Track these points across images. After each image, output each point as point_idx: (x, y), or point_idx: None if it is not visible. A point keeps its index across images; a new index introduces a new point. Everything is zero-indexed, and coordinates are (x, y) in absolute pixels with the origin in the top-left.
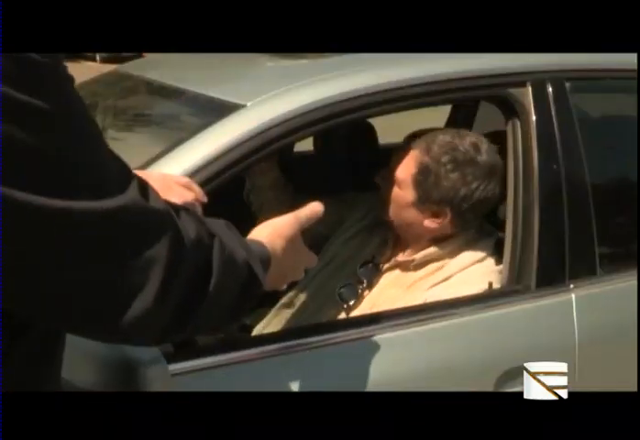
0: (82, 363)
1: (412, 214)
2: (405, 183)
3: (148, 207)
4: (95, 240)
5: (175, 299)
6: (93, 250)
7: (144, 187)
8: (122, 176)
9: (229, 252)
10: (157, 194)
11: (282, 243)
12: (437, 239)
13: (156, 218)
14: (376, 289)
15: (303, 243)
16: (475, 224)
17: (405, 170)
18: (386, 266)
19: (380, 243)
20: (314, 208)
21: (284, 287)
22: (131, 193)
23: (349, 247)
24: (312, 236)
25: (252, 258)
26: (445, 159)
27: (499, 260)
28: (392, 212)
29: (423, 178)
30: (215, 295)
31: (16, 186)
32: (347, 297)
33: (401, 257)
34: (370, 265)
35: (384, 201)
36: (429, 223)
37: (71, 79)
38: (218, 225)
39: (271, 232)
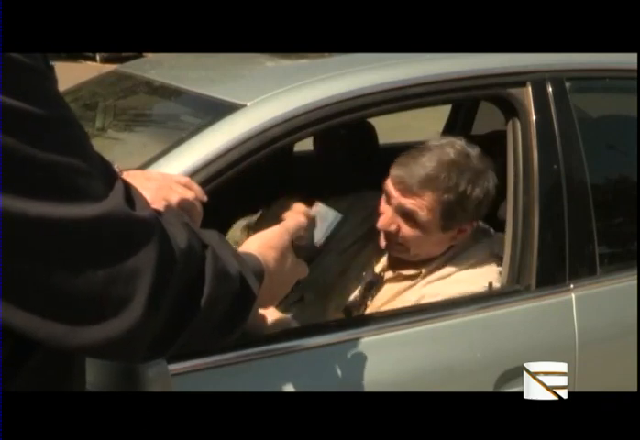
0: None
1: (437, 241)
2: (430, 225)
3: (133, 214)
4: (77, 248)
5: (166, 310)
6: (74, 258)
7: (130, 194)
8: (105, 182)
9: (222, 263)
10: (145, 202)
11: (274, 254)
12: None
13: (141, 226)
14: (380, 303)
15: (293, 253)
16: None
17: (427, 214)
18: (389, 277)
19: (378, 250)
20: (299, 219)
21: (277, 303)
22: (115, 200)
23: (346, 260)
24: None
25: (245, 269)
26: (463, 186)
27: (498, 261)
28: (412, 245)
29: (449, 213)
30: (207, 307)
31: None
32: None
33: (406, 270)
34: (371, 277)
35: (396, 239)
36: (452, 240)
37: (55, 80)
38: (211, 236)
39: (262, 244)
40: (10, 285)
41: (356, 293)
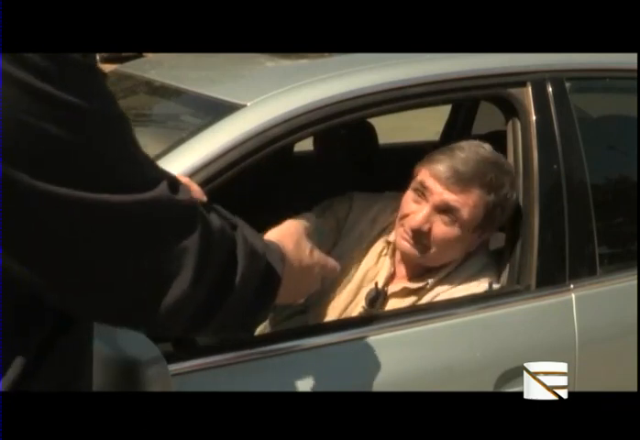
0: None
1: (461, 245)
2: (467, 225)
3: (180, 200)
4: (134, 231)
5: (206, 286)
6: (132, 241)
7: (173, 181)
8: (154, 171)
9: (250, 243)
10: (186, 188)
11: (292, 240)
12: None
13: (187, 210)
14: None
15: (312, 244)
16: None
17: (469, 212)
18: (393, 291)
19: (377, 260)
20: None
21: (302, 300)
22: (163, 187)
23: (345, 276)
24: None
25: (269, 251)
26: (506, 189)
27: (497, 264)
28: (438, 247)
29: (490, 214)
30: (240, 285)
31: (58, 182)
32: None
33: (411, 283)
34: (374, 292)
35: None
36: (470, 246)
37: (105, 77)
38: (237, 220)
39: (279, 233)
40: (78, 269)
41: (359, 310)
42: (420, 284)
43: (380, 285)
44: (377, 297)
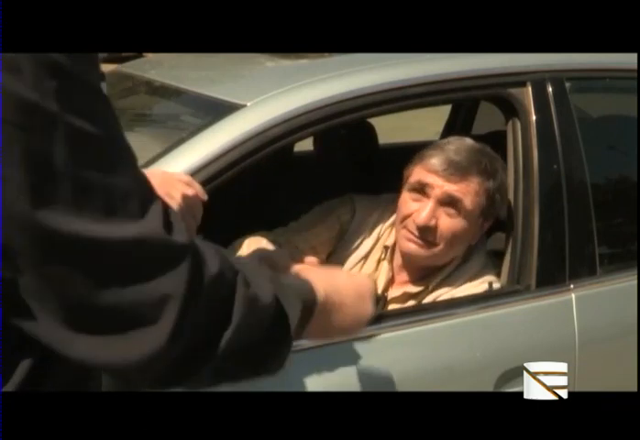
0: None
1: (466, 237)
2: (472, 214)
3: (169, 239)
4: (109, 268)
5: (189, 337)
6: (106, 278)
7: (169, 217)
8: (146, 203)
9: (253, 290)
10: (182, 226)
11: (320, 271)
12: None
13: (176, 250)
14: None
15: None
16: None
17: (472, 200)
18: (393, 296)
19: (376, 266)
20: None
21: (363, 327)
22: (153, 223)
23: None
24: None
25: (286, 294)
26: (500, 173)
27: (495, 264)
28: (445, 242)
29: (492, 199)
30: (236, 335)
31: (42, 207)
32: None
33: (411, 287)
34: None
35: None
36: (473, 238)
37: (109, 100)
38: (245, 263)
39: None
40: (49, 300)
41: None
42: (420, 288)
43: (379, 291)
44: (377, 303)
